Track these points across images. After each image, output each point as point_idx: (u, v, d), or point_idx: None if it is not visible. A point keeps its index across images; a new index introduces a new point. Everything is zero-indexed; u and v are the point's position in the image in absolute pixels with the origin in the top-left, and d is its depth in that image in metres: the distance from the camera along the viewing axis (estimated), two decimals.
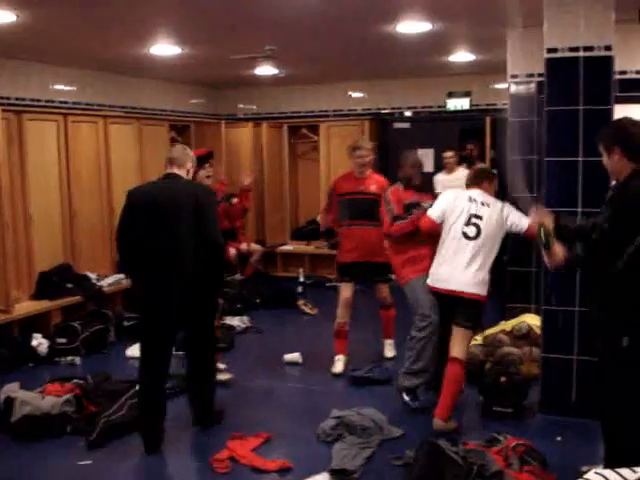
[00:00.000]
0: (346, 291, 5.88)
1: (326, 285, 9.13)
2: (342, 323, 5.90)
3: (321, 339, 6.53)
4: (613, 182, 3.74)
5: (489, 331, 5.88)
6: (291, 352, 6.24)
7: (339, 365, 5.84)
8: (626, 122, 3.55)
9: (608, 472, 3.12)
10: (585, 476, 3.13)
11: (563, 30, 4.54)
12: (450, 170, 8.19)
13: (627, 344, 3.37)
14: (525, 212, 4.45)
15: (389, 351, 6.19)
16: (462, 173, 7.69)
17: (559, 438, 4.44)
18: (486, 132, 8.77)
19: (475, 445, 3.95)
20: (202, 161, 5.27)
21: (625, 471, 3.12)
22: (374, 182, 5.86)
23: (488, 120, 8.78)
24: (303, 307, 8.14)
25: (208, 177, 5.42)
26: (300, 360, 6.18)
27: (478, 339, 5.85)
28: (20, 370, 5.91)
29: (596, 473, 3.12)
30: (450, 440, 3.86)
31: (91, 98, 8.00)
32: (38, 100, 7.35)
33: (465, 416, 4.93)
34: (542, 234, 3.68)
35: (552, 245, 3.67)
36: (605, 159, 3.55)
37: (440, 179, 8.21)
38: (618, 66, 5.32)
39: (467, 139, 8.99)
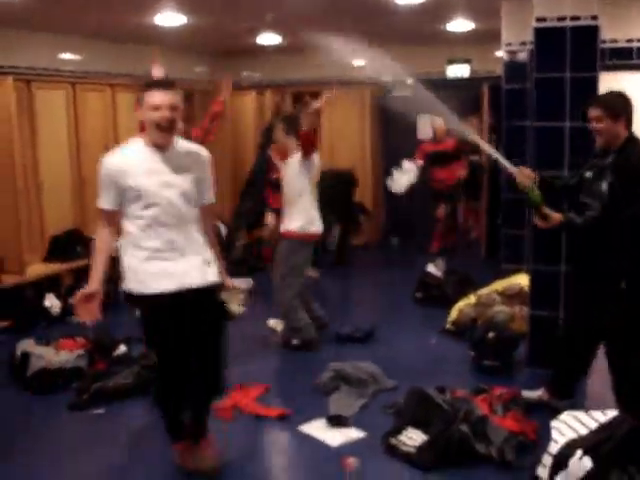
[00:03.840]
0: None
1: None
2: None
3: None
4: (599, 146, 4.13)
5: (482, 291, 6.13)
6: None
7: None
8: (627, 96, 4.02)
9: (580, 414, 3.39)
10: (559, 416, 3.42)
11: (551, 0, 4.71)
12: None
13: (624, 287, 3.97)
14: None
15: None
16: None
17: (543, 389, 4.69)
18: (484, 100, 8.91)
19: (462, 393, 4.22)
20: None
21: (597, 414, 3.39)
22: None
23: (486, 87, 8.86)
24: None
25: None
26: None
27: (472, 298, 6.11)
28: (34, 329, 6.17)
29: (568, 414, 3.40)
30: (438, 388, 4.12)
31: (98, 67, 8.17)
32: (47, 69, 7.51)
33: (456, 369, 5.21)
34: (530, 193, 4.08)
35: (540, 202, 4.05)
36: (608, 125, 3.92)
37: None
38: (609, 34, 5.51)
39: (468, 108, 9.13)
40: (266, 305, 6.17)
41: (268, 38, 8.49)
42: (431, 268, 7.66)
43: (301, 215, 5.54)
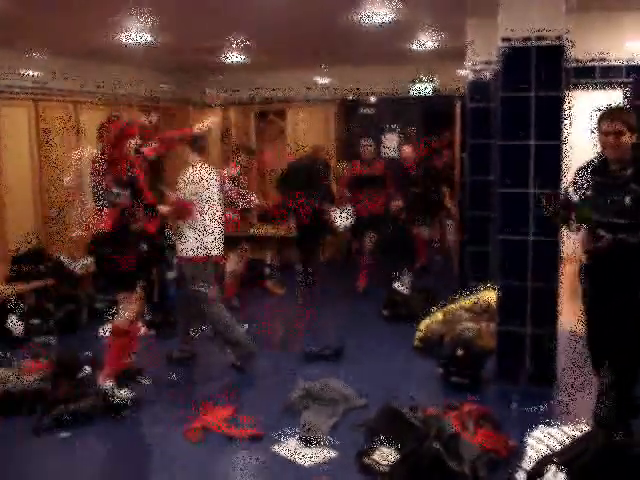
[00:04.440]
0: None
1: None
2: None
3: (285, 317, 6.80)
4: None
5: (450, 307, 6.15)
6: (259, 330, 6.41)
7: None
8: None
9: (552, 429, 3.43)
10: (532, 432, 3.45)
11: (516, 20, 4.78)
12: None
13: None
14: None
15: None
16: None
17: (513, 405, 4.72)
18: (456, 117, 8.69)
19: (433, 411, 4.22)
20: None
21: (568, 428, 3.43)
22: None
23: (459, 105, 8.05)
24: (272, 288, 8.38)
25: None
26: None
27: (440, 315, 6.14)
28: None
29: (541, 430, 3.44)
30: (410, 406, 4.12)
31: (61, 84, 8.08)
32: (10, 86, 7.40)
33: (425, 386, 5.21)
34: (580, 210, 4.01)
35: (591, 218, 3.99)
36: (626, 139, 3.91)
37: None
38: (572, 53, 5.61)
39: (434, 125, 9.15)
40: None
41: (233, 56, 8.49)
42: (398, 285, 7.70)
43: (197, 239, 5.57)
